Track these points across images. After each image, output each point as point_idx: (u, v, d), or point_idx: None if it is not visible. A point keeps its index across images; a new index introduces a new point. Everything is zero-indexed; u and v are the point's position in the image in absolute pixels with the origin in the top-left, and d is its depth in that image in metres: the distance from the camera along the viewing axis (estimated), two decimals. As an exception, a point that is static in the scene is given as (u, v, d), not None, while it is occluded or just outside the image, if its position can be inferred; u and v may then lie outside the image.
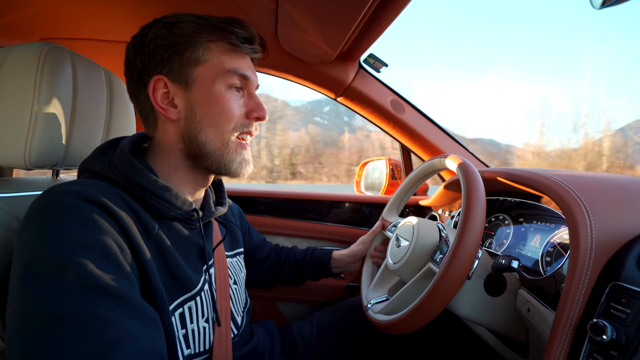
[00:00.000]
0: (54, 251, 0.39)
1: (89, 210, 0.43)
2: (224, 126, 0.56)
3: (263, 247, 0.93)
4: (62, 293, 0.37)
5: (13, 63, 0.54)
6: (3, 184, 0.57)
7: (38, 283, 0.38)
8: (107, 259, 0.41)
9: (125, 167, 0.51)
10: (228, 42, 0.56)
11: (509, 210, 0.79)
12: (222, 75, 0.56)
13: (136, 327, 0.39)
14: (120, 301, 0.39)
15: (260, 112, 0.60)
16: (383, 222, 0.91)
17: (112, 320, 0.37)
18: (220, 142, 0.56)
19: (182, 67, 0.54)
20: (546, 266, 0.61)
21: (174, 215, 0.54)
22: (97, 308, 0.37)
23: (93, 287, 0.38)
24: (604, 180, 0.59)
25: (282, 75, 1.12)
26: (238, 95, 0.58)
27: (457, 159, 0.66)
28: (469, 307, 0.61)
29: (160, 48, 0.54)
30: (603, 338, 0.39)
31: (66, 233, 0.40)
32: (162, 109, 0.55)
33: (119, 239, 0.44)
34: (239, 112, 0.58)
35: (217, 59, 0.56)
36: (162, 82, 0.55)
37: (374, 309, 0.71)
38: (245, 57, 0.60)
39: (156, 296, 0.47)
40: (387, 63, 1.06)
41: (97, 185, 0.48)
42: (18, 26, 0.94)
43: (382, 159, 1.45)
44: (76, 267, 0.38)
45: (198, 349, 0.54)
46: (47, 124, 0.55)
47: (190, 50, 0.54)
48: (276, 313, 1.18)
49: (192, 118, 0.55)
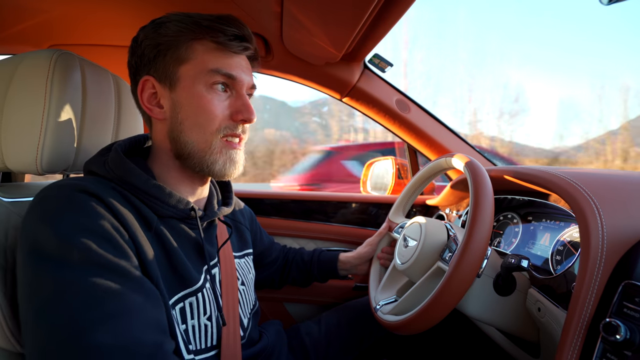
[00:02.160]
0: (57, 235, 0.41)
1: (86, 199, 0.45)
2: (206, 127, 0.55)
3: (272, 250, 0.93)
4: (68, 269, 0.39)
5: (25, 70, 0.55)
6: (15, 189, 0.58)
7: (43, 262, 0.40)
8: (108, 240, 0.43)
9: (117, 167, 0.53)
10: (213, 40, 0.55)
11: (517, 208, 0.78)
12: (204, 74, 0.54)
13: (139, 300, 0.41)
14: (123, 276, 0.42)
15: (246, 114, 0.57)
16: (389, 224, 0.91)
17: (116, 292, 0.40)
18: (204, 143, 0.55)
19: (166, 66, 0.55)
20: (556, 265, 0.61)
21: (170, 213, 0.55)
22: (101, 281, 0.40)
23: (97, 264, 0.41)
24: (613, 177, 0.58)
25: (288, 77, 1.12)
26: (223, 96, 0.56)
27: (463, 157, 0.65)
28: (479, 307, 0.61)
29: (147, 48, 0.55)
30: (616, 338, 0.39)
31: (66, 220, 0.43)
32: (148, 109, 0.57)
33: (116, 224, 0.46)
34: (223, 114, 0.56)
35: (201, 57, 0.55)
36: (150, 83, 0.56)
37: (383, 310, 0.71)
38: (233, 56, 0.57)
39: (152, 283, 0.48)
40: (392, 63, 1.06)
41: (95, 180, 0.50)
42: (29, 34, 0.96)
43: (389, 159, 1.44)
44: (79, 247, 0.41)
45: (199, 346, 0.54)
46: (58, 130, 0.56)
47: (172, 50, 0.55)
48: (284, 314, 1.19)
49: (176, 118, 0.56)
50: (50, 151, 0.56)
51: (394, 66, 1.07)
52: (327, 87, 1.13)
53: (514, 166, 0.73)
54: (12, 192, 0.56)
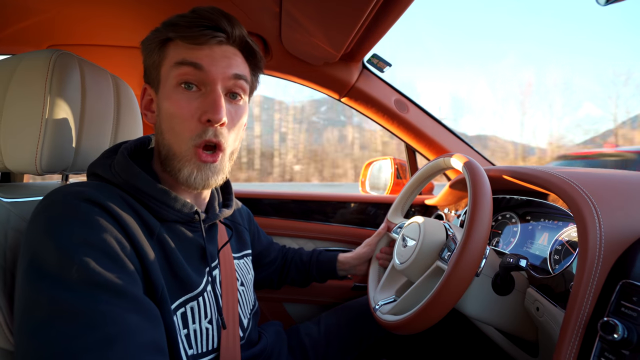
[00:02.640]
0: (57, 249, 0.41)
1: (89, 210, 0.44)
2: (179, 132, 0.52)
3: (271, 250, 0.93)
4: (65, 289, 0.39)
5: (24, 71, 0.55)
6: (15, 189, 0.58)
7: (42, 279, 0.39)
8: (108, 256, 0.43)
9: (123, 171, 0.52)
10: (180, 36, 0.52)
11: (515, 208, 0.79)
12: (173, 70, 0.51)
13: (136, 321, 0.40)
14: (120, 296, 0.41)
15: (212, 114, 0.50)
16: (388, 224, 0.91)
17: (112, 314, 0.39)
18: (178, 148, 0.53)
19: (150, 70, 0.57)
20: (555, 264, 0.61)
21: (175, 218, 0.55)
22: (98, 303, 0.39)
23: (95, 284, 0.40)
24: (611, 176, 0.58)
25: (287, 77, 1.13)
26: (194, 95, 0.52)
27: (462, 157, 0.66)
28: (477, 307, 0.61)
29: (143, 56, 0.58)
30: (614, 337, 0.39)
31: (68, 232, 0.42)
32: (144, 114, 0.59)
33: (119, 236, 0.45)
34: (192, 114, 0.51)
35: (171, 55, 0.53)
36: (147, 90, 0.58)
37: (382, 310, 0.71)
38: (203, 47, 0.52)
39: (157, 292, 0.48)
40: (391, 63, 1.06)
41: (99, 186, 0.49)
42: (27, 33, 0.96)
43: (387, 159, 1.44)
44: (78, 265, 0.40)
45: (201, 350, 0.54)
46: (57, 130, 0.56)
47: (154, 54, 0.55)
48: (283, 314, 1.19)
49: (159, 122, 0.56)
50: (50, 151, 0.56)
51: (392, 66, 1.07)
52: (325, 87, 1.13)
53: (512, 166, 0.73)
54: (12, 193, 0.56)
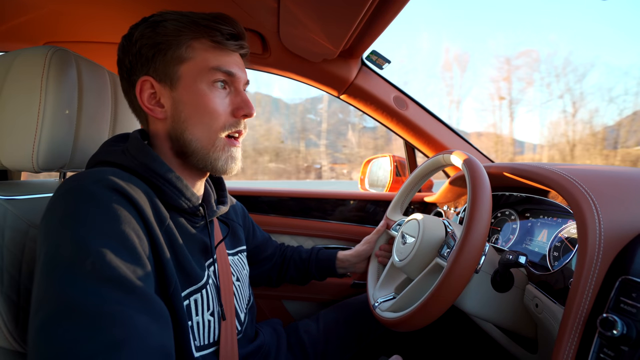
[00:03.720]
0: (74, 239, 0.40)
1: (110, 198, 0.44)
2: (210, 125, 0.56)
3: (267, 246, 0.93)
4: (76, 284, 0.38)
5: (20, 67, 0.55)
6: (12, 187, 0.58)
7: (56, 271, 0.39)
8: (126, 248, 0.43)
9: (141, 154, 0.53)
10: (211, 39, 0.56)
11: (515, 205, 0.79)
12: (205, 72, 0.56)
13: (145, 322, 0.40)
14: (132, 293, 0.41)
15: (247, 109, 0.59)
16: (387, 221, 0.91)
17: (121, 315, 0.38)
18: (207, 141, 0.56)
19: (166, 66, 0.55)
20: (554, 261, 0.61)
21: (184, 206, 0.56)
22: (108, 302, 0.38)
23: (107, 279, 0.40)
24: (611, 173, 0.58)
25: (285, 74, 1.12)
26: (224, 93, 0.58)
27: (461, 154, 0.66)
28: (477, 304, 0.61)
29: (145, 47, 0.55)
30: (613, 333, 0.39)
31: (86, 222, 0.42)
32: (149, 109, 0.56)
33: (137, 227, 0.45)
34: (225, 110, 0.58)
35: (201, 56, 0.56)
36: (149, 83, 0.56)
37: (381, 307, 0.71)
38: (231, 54, 0.59)
39: (170, 284, 0.48)
40: (390, 60, 1.06)
41: (117, 172, 0.48)
42: (23, 30, 0.95)
43: (386, 156, 1.44)
44: (94, 256, 0.40)
45: (204, 342, 0.55)
46: (54, 127, 0.56)
47: (173, 49, 0.55)
48: (282, 311, 1.19)
49: (178, 117, 0.56)
50: (47, 149, 0.55)
51: (391, 62, 1.07)
52: (324, 84, 1.12)
53: (511, 163, 0.73)
54: (9, 190, 0.55)
